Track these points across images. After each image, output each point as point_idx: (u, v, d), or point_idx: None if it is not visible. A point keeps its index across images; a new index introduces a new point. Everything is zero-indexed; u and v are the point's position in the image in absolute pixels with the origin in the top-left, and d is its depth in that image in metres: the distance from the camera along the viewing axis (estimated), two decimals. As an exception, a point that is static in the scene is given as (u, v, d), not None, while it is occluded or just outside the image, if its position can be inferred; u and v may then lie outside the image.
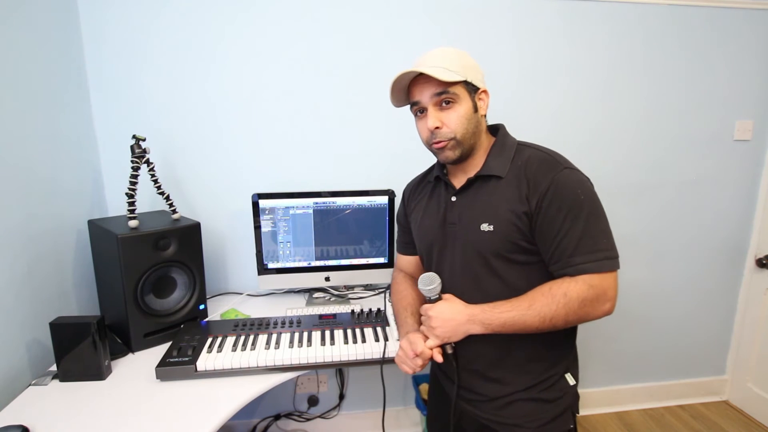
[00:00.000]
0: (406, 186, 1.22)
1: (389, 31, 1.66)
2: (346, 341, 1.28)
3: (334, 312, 1.48)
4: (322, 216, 1.60)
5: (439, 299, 0.96)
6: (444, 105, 0.90)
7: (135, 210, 1.33)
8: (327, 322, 1.39)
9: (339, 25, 1.64)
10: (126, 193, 1.33)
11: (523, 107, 1.77)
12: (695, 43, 1.84)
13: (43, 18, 1.33)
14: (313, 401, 1.94)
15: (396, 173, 1.77)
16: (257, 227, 1.56)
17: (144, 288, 1.28)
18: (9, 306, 1.14)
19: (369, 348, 1.25)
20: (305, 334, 1.31)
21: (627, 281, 2.01)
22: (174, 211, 1.44)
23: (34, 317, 1.23)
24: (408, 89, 0.96)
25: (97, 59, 1.54)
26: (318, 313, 1.46)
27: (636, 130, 1.89)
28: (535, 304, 0.86)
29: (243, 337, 1.28)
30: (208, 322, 1.40)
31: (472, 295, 0.94)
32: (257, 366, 1.18)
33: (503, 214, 0.89)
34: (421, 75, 0.89)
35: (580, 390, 1.03)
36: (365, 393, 1.97)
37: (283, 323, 1.37)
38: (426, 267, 1.07)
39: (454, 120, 0.90)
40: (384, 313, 1.43)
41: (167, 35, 1.56)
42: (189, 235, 1.36)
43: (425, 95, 0.91)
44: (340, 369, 1.93)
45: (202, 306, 1.42)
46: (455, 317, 0.91)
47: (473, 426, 1.03)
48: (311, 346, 1.25)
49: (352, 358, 1.22)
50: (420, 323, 1.02)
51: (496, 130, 1.00)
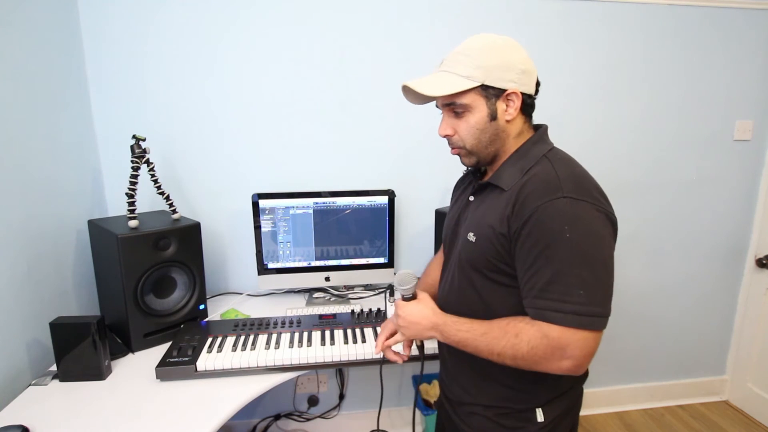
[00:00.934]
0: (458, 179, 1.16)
1: (390, 31, 1.66)
2: (346, 341, 1.28)
3: (334, 312, 1.48)
4: (322, 216, 1.60)
5: (413, 298, 0.93)
6: (455, 113, 0.84)
7: (135, 210, 1.33)
8: (327, 322, 1.39)
9: (340, 25, 1.64)
10: (126, 193, 1.33)
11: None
12: (695, 43, 1.84)
13: (43, 18, 1.33)
14: (313, 401, 1.94)
15: (396, 173, 1.78)
16: (257, 227, 1.56)
17: (144, 288, 1.28)
18: (9, 306, 1.14)
19: (369, 348, 1.25)
20: (305, 334, 1.31)
21: (627, 281, 2.02)
22: (174, 211, 1.44)
23: (34, 317, 1.23)
24: None
25: (97, 59, 1.54)
26: (318, 313, 1.46)
27: (636, 130, 1.90)
28: (489, 333, 0.80)
29: (243, 337, 1.28)
30: (208, 322, 1.40)
31: (453, 301, 0.93)
32: (257, 366, 1.18)
33: (485, 228, 0.83)
34: None
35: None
36: (365, 393, 1.97)
37: (283, 323, 1.38)
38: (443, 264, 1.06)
39: (464, 130, 0.84)
40: (384, 313, 1.43)
41: (167, 35, 1.56)
42: (189, 235, 1.36)
43: (438, 101, 0.86)
44: (340, 369, 1.93)
45: (202, 306, 1.42)
46: (420, 321, 0.89)
47: (449, 424, 1.04)
48: (311, 346, 1.25)
49: (352, 358, 1.22)
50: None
51: (537, 129, 0.91)
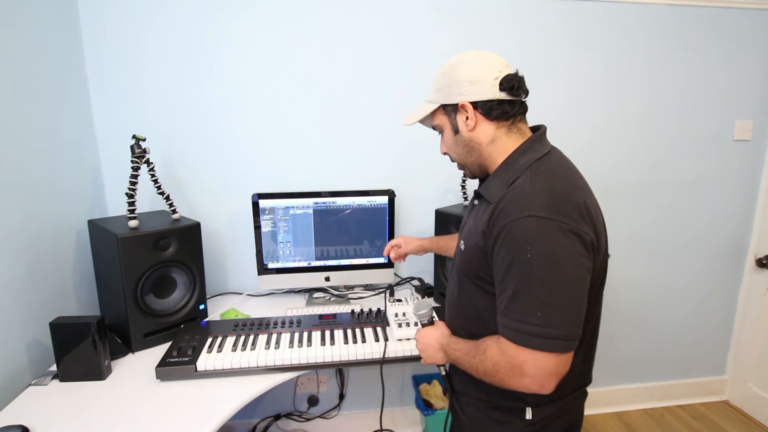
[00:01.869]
0: None
1: (390, 31, 1.66)
2: (346, 341, 1.28)
3: (334, 312, 1.48)
4: (322, 216, 1.60)
5: (430, 324, 1.01)
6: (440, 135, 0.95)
7: (135, 210, 1.33)
8: (327, 322, 1.39)
9: (340, 25, 1.64)
10: (126, 193, 1.33)
11: (523, 107, 1.77)
12: (695, 43, 1.84)
13: (43, 18, 1.33)
14: (313, 401, 1.94)
15: (396, 173, 1.78)
16: (257, 227, 1.56)
17: (144, 288, 1.28)
18: (9, 306, 1.14)
19: (369, 348, 1.25)
20: (305, 334, 1.31)
21: (627, 281, 2.02)
22: (174, 211, 1.44)
23: (34, 317, 1.23)
24: None
25: (97, 59, 1.54)
26: (318, 313, 1.46)
27: (636, 130, 1.90)
28: (471, 352, 0.85)
29: (243, 337, 1.28)
30: (208, 322, 1.40)
31: (455, 309, 0.96)
32: (257, 366, 1.18)
33: (471, 238, 0.86)
34: None
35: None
36: (365, 393, 1.97)
37: (283, 323, 1.37)
38: None
39: (445, 148, 0.95)
40: (384, 313, 1.43)
41: (167, 35, 1.56)
42: (189, 235, 1.36)
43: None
44: (340, 369, 1.93)
45: (202, 306, 1.42)
46: (431, 344, 0.97)
47: (454, 415, 1.06)
48: (311, 346, 1.25)
49: (352, 358, 1.22)
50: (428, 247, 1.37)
51: (535, 131, 0.91)
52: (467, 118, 0.85)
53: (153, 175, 1.41)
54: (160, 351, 1.25)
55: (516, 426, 0.89)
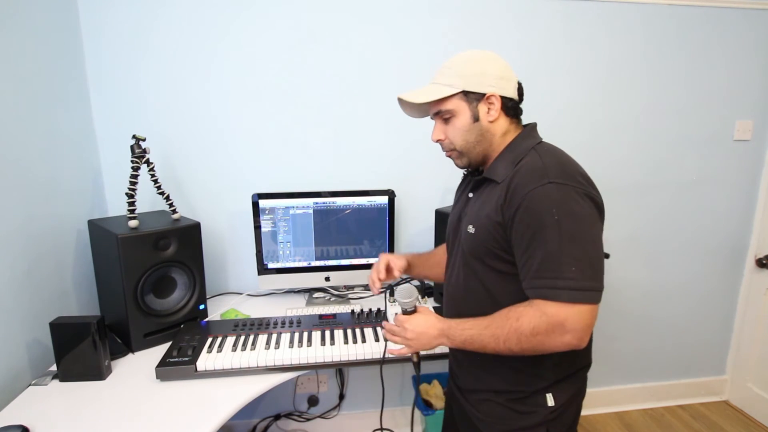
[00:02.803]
0: None
1: (389, 31, 1.66)
2: (346, 341, 1.28)
3: (334, 312, 1.48)
4: (322, 216, 1.60)
5: (414, 311, 0.97)
6: (444, 120, 0.93)
7: (135, 210, 1.33)
8: (327, 322, 1.39)
9: (340, 25, 1.64)
10: (126, 193, 1.33)
11: (523, 107, 1.77)
12: (695, 43, 1.84)
13: (43, 18, 1.33)
14: (313, 401, 1.94)
15: (396, 173, 1.78)
16: (257, 227, 1.56)
17: (144, 288, 1.28)
18: (9, 306, 1.14)
19: (369, 348, 1.25)
20: (305, 334, 1.31)
21: (627, 281, 2.02)
22: (174, 211, 1.44)
23: (34, 317, 1.23)
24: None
25: (97, 59, 1.54)
26: (318, 313, 1.46)
27: (636, 130, 1.89)
28: (492, 324, 0.84)
29: (243, 337, 1.28)
30: (208, 322, 1.40)
31: (461, 294, 0.97)
32: (257, 366, 1.18)
33: (483, 219, 0.89)
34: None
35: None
36: (365, 393, 1.97)
37: (283, 323, 1.37)
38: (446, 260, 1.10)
39: (452, 133, 0.93)
40: (384, 313, 1.43)
41: (167, 35, 1.56)
42: (189, 235, 1.36)
43: (430, 113, 0.96)
44: (340, 369, 1.93)
45: (202, 306, 1.42)
46: (428, 331, 0.93)
47: (461, 414, 1.06)
48: (311, 346, 1.25)
49: (352, 358, 1.23)
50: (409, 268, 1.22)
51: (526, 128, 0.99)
52: (489, 110, 0.90)
53: (153, 175, 1.41)
54: (160, 351, 1.25)
55: (540, 415, 0.91)
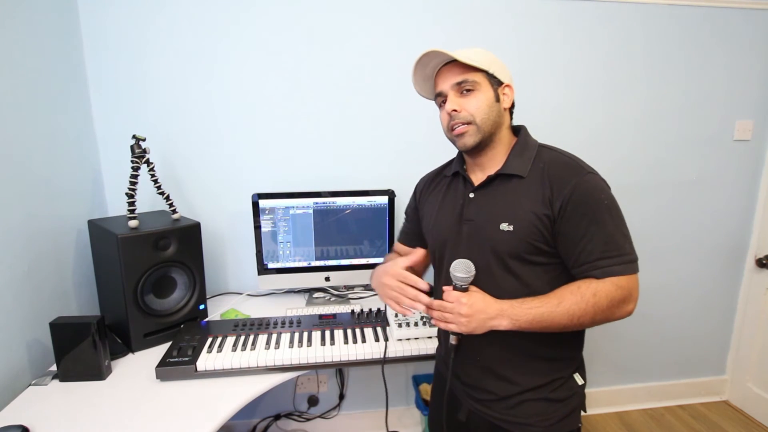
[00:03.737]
0: (420, 179, 1.20)
1: (390, 31, 1.66)
2: (346, 341, 1.28)
3: (334, 312, 1.48)
4: (322, 216, 1.60)
5: (466, 290, 0.91)
6: (465, 93, 0.92)
7: (135, 210, 1.33)
8: (327, 322, 1.39)
9: (339, 25, 1.64)
10: (126, 193, 1.33)
11: (523, 107, 1.76)
12: (695, 43, 1.84)
13: (43, 18, 1.33)
14: (313, 401, 1.94)
15: (396, 173, 1.78)
16: (257, 227, 1.56)
17: (144, 288, 1.28)
18: (9, 306, 1.14)
19: (369, 348, 1.25)
20: (305, 334, 1.31)
21: (627, 281, 2.02)
22: (174, 211, 1.44)
23: (34, 317, 1.23)
24: (435, 82, 0.98)
25: (97, 59, 1.54)
26: (318, 313, 1.46)
27: (636, 130, 1.89)
28: (564, 301, 0.86)
29: (243, 337, 1.28)
30: (208, 322, 1.40)
31: (492, 293, 0.92)
32: (257, 366, 1.18)
33: (524, 215, 0.88)
34: (445, 66, 0.94)
35: (580, 390, 1.03)
36: (365, 393, 1.97)
37: (283, 323, 1.37)
38: (437, 264, 1.05)
39: (473, 105, 0.91)
40: (384, 313, 1.43)
41: (167, 35, 1.56)
42: (189, 235, 1.36)
43: (447, 84, 0.93)
44: (340, 369, 1.93)
45: (202, 306, 1.42)
46: (486, 309, 0.88)
47: (485, 426, 1.00)
48: (311, 346, 1.25)
49: (352, 358, 1.22)
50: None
51: (517, 131, 1.00)
52: (504, 98, 0.95)
53: (153, 175, 1.41)
54: (160, 351, 1.25)
55: (577, 397, 0.98)
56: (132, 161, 1.35)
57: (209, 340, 1.26)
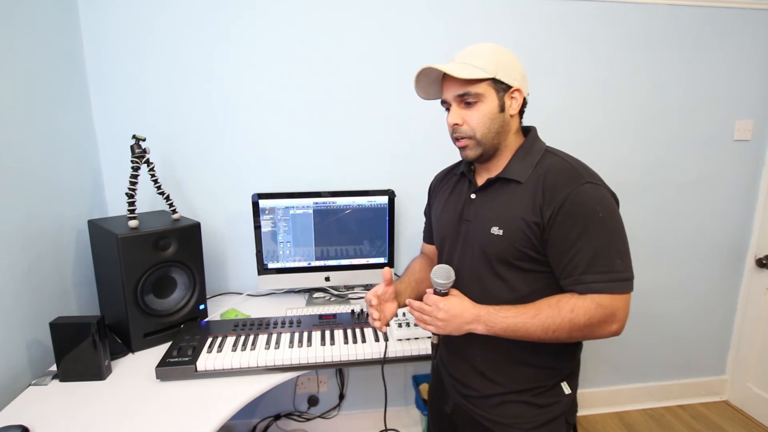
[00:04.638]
0: (434, 177, 1.21)
1: (390, 31, 1.66)
2: (346, 341, 1.28)
3: (334, 312, 1.48)
4: (322, 216, 1.60)
5: (447, 294, 0.94)
6: (466, 105, 0.90)
7: (135, 210, 1.33)
8: (327, 322, 1.39)
9: (339, 25, 1.64)
10: (126, 193, 1.33)
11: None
12: (695, 43, 1.84)
13: (43, 18, 1.33)
14: (313, 401, 1.94)
15: (396, 173, 1.78)
16: (257, 227, 1.56)
17: (144, 288, 1.28)
18: (9, 306, 1.14)
19: (369, 348, 1.25)
20: (305, 334, 1.31)
21: (627, 281, 2.02)
22: (174, 211, 1.44)
23: (34, 317, 1.23)
24: (441, 85, 0.96)
25: (97, 59, 1.54)
26: (318, 313, 1.46)
27: (636, 130, 1.89)
28: (541, 314, 0.85)
29: (243, 337, 1.28)
30: (208, 322, 1.40)
31: (475, 294, 0.94)
32: (257, 366, 1.18)
33: (514, 220, 0.88)
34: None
35: (580, 390, 1.03)
36: (365, 393, 1.97)
37: (283, 323, 1.38)
38: (439, 259, 1.07)
39: (475, 119, 0.89)
40: (384, 313, 1.43)
41: (167, 35, 1.56)
42: (189, 235, 1.36)
43: (450, 94, 0.91)
44: (340, 369, 1.93)
45: (202, 306, 1.42)
46: (462, 315, 0.90)
47: (469, 423, 1.03)
48: (311, 346, 1.25)
49: (352, 358, 1.23)
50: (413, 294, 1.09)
51: (527, 131, 0.98)
52: (512, 103, 0.91)
53: (153, 175, 1.41)
54: (160, 351, 1.25)
55: (562, 404, 0.95)
56: (132, 161, 1.35)
57: (209, 340, 1.26)
